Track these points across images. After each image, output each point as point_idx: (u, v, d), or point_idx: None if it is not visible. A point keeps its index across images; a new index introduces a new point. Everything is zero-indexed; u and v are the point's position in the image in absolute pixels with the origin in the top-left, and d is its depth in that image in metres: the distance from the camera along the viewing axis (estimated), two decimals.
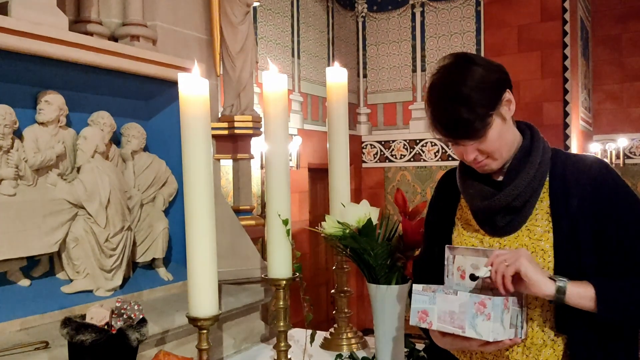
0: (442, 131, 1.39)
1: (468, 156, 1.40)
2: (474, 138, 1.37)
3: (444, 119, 1.37)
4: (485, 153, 1.40)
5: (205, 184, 1.66)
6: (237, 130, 2.93)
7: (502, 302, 1.28)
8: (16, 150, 1.73)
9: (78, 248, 1.84)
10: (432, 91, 1.40)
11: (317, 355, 2.06)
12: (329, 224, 1.91)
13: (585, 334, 1.33)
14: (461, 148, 1.41)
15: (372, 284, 1.88)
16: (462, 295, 1.31)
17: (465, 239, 1.50)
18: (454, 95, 1.35)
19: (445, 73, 1.39)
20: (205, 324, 1.67)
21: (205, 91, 1.65)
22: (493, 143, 1.38)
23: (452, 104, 1.35)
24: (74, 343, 1.39)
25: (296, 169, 6.59)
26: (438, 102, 1.38)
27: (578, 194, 1.36)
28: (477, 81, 1.35)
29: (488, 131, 1.36)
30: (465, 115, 1.34)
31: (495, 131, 1.37)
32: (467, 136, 1.37)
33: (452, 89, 1.36)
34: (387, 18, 8.40)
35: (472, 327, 1.28)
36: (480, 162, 1.41)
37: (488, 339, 1.27)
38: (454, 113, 1.35)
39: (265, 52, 6.39)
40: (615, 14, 8.93)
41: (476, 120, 1.34)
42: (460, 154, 1.43)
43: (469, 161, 1.42)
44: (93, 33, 2.17)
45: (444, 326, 1.33)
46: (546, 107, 7.38)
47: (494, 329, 1.27)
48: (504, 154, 1.41)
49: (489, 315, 1.27)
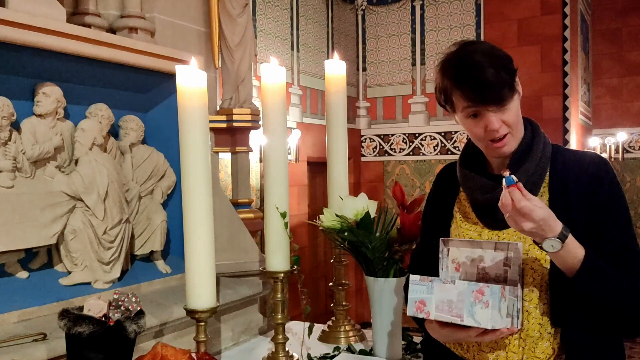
0: (470, 93, 1.34)
1: (493, 124, 1.35)
2: (502, 102, 1.35)
3: (479, 76, 1.33)
4: (507, 125, 1.37)
5: (204, 176, 1.66)
6: (235, 124, 2.93)
7: (500, 290, 1.28)
8: (14, 143, 1.73)
9: (76, 240, 1.85)
10: (464, 49, 1.37)
11: (315, 347, 2.06)
12: (327, 217, 1.91)
13: (579, 327, 1.34)
14: (485, 120, 1.36)
15: (370, 276, 1.89)
16: (459, 284, 1.31)
17: (464, 231, 1.50)
18: (497, 53, 1.35)
19: (467, 43, 1.39)
20: (203, 316, 1.68)
21: (204, 83, 1.65)
22: (514, 116, 1.38)
23: (494, 60, 1.33)
24: (71, 335, 1.40)
25: (295, 162, 6.59)
26: (469, 64, 1.34)
27: (576, 190, 1.38)
28: (501, 52, 1.37)
29: (512, 100, 1.37)
30: (502, 76, 1.33)
31: (516, 103, 1.38)
32: (498, 99, 1.34)
33: (492, 48, 1.36)
34: (387, 11, 8.37)
35: (470, 315, 1.29)
36: (504, 134, 1.37)
37: (487, 327, 1.28)
38: (488, 74, 1.32)
39: (264, 45, 6.37)
40: (616, 7, 8.90)
41: (508, 85, 1.34)
42: (481, 129, 1.38)
43: (494, 130, 1.36)
44: (91, 25, 2.16)
45: (442, 315, 1.33)
46: (546, 101, 7.37)
47: (492, 316, 1.27)
48: (519, 133, 1.41)
49: (487, 302, 1.27)
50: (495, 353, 1.42)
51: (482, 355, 1.44)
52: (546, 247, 1.27)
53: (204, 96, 1.65)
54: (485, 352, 1.43)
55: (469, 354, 1.48)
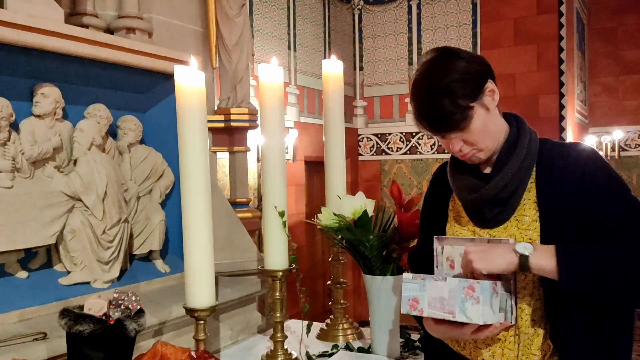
0: (426, 125, 1.42)
1: (453, 147, 1.43)
2: (456, 130, 1.39)
3: (427, 112, 1.40)
4: (470, 144, 1.41)
5: (202, 175, 1.67)
6: (233, 123, 2.93)
7: (491, 286, 1.30)
8: (13, 143, 1.74)
9: (75, 240, 1.85)
10: (415, 86, 1.42)
11: (314, 345, 2.07)
12: (325, 216, 1.92)
13: (570, 322, 1.34)
14: (447, 142, 1.44)
15: (368, 275, 1.90)
16: (451, 281, 1.33)
17: (457, 230, 1.52)
18: (436, 88, 1.37)
19: (427, 67, 1.41)
20: (202, 314, 1.69)
21: (202, 82, 1.66)
22: (477, 134, 1.40)
23: (434, 96, 1.37)
24: (72, 333, 1.40)
25: (293, 161, 6.59)
26: (421, 96, 1.41)
27: (564, 181, 1.37)
28: (459, 72, 1.37)
29: (471, 122, 1.38)
30: (447, 107, 1.36)
31: (478, 122, 1.39)
32: (450, 128, 1.39)
33: (433, 82, 1.38)
34: (384, 10, 8.38)
35: (462, 312, 1.31)
36: (466, 153, 1.43)
37: (478, 322, 1.30)
38: (436, 106, 1.37)
39: (261, 44, 6.37)
40: (612, 6, 8.92)
41: (457, 112, 1.36)
42: (447, 146, 1.46)
43: (455, 152, 1.45)
44: (89, 25, 2.17)
45: (435, 312, 1.35)
46: (542, 100, 7.39)
47: (483, 312, 1.29)
48: (489, 145, 1.43)
49: (478, 298, 1.29)
50: (491, 350, 1.43)
51: (478, 352, 1.45)
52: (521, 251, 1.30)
53: (202, 95, 1.66)
54: (481, 349, 1.44)
55: (466, 351, 1.49)
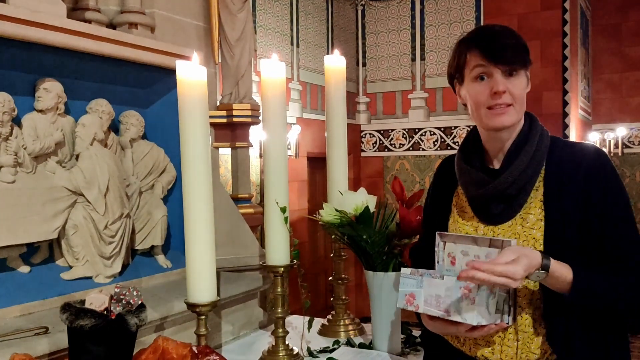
0: (488, 52, 1.37)
1: (499, 86, 1.36)
2: (524, 66, 1.39)
3: (509, 39, 1.39)
4: (512, 95, 1.38)
5: (204, 170, 1.66)
6: (235, 119, 2.94)
7: (488, 287, 1.29)
8: (15, 138, 1.74)
9: (77, 235, 1.86)
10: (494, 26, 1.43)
11: (315, 341, 2.08)
12: (327, 212, 1.92)
13: (567, 325, 1.34)
14: (492, 82, 1.37)
15: (369, 271, 1.90)
16: (448, 280, 1.33)
17: (460, 226, 1.51)
18: (508, 30, 1.41)
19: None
20: (203, 309, 1.69)
21: (204, 77, 1.66)
22: (521, 90, 1.40)
23: (517, 34, 1.40)
24: (73, 328, 1.41)
25: (295, 157, 6.60)
26: (504, 29, 1.41)
27: (572, 183, 1.37)
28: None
29: (522, 74, 1.40)
30: (515, 42, 1.38)
31: (523, 81, 1.41)
32: (510, 60, 1.37)
33: (504, 27, 1.42)
34: (387, 6, 8.36)
35: (456, 311, 1.30)
36: (504, 100, 1.38)
37: (472, 323, 1.30)
38: (518, 40, 1.39)
39: (264, 40, 6.37)
40: (615, 3, 8.89)
41: (521, 52, 1.39)
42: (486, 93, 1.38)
43: (498, 93, 1.37)
44: (91, 20, 2.16)
45: (430, 309, 1.35)
46: (545, 96, 7.37)
47: (478, 313, 1.29)
48: (518, 109, 1.41)
49: (474, 299, 1.29)
50: (491, 347, 1.42)
51: (477, 349, 1.45)
52: (533, 279, 1.30)
53: (204, 90, 1.66)
54: (480, 346, 1.44)
55: (465, 347, 1.49)
